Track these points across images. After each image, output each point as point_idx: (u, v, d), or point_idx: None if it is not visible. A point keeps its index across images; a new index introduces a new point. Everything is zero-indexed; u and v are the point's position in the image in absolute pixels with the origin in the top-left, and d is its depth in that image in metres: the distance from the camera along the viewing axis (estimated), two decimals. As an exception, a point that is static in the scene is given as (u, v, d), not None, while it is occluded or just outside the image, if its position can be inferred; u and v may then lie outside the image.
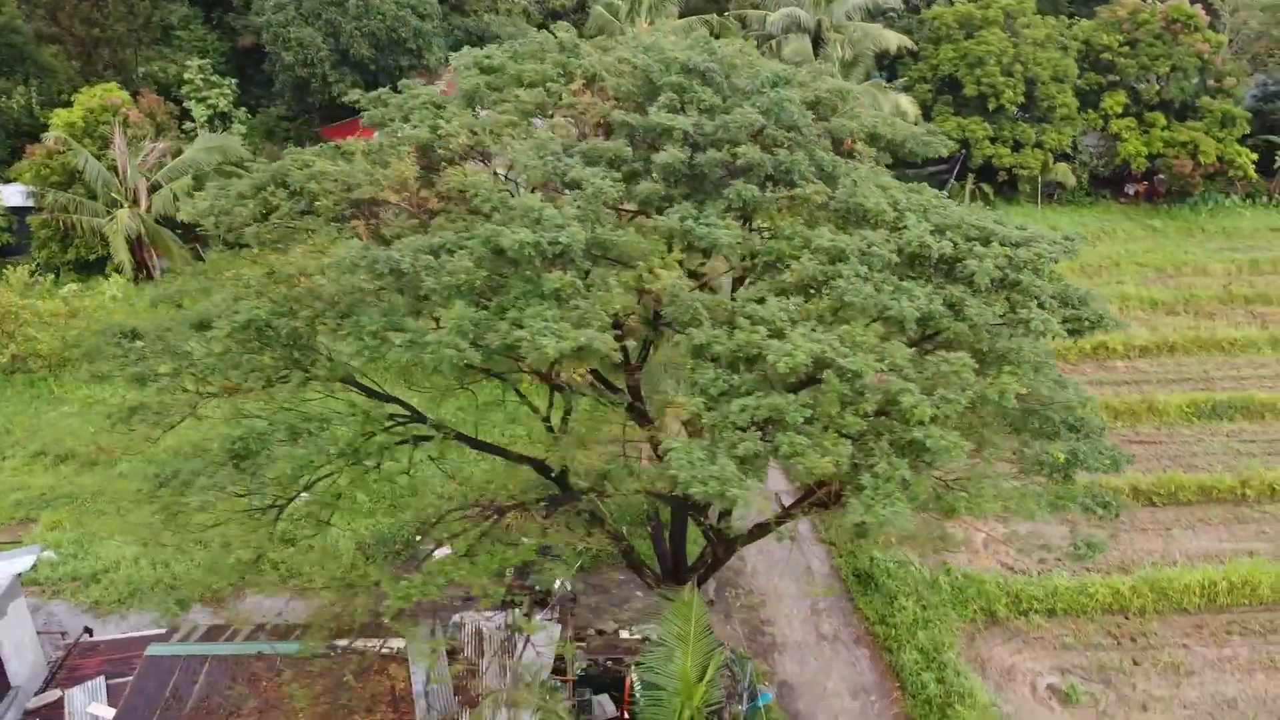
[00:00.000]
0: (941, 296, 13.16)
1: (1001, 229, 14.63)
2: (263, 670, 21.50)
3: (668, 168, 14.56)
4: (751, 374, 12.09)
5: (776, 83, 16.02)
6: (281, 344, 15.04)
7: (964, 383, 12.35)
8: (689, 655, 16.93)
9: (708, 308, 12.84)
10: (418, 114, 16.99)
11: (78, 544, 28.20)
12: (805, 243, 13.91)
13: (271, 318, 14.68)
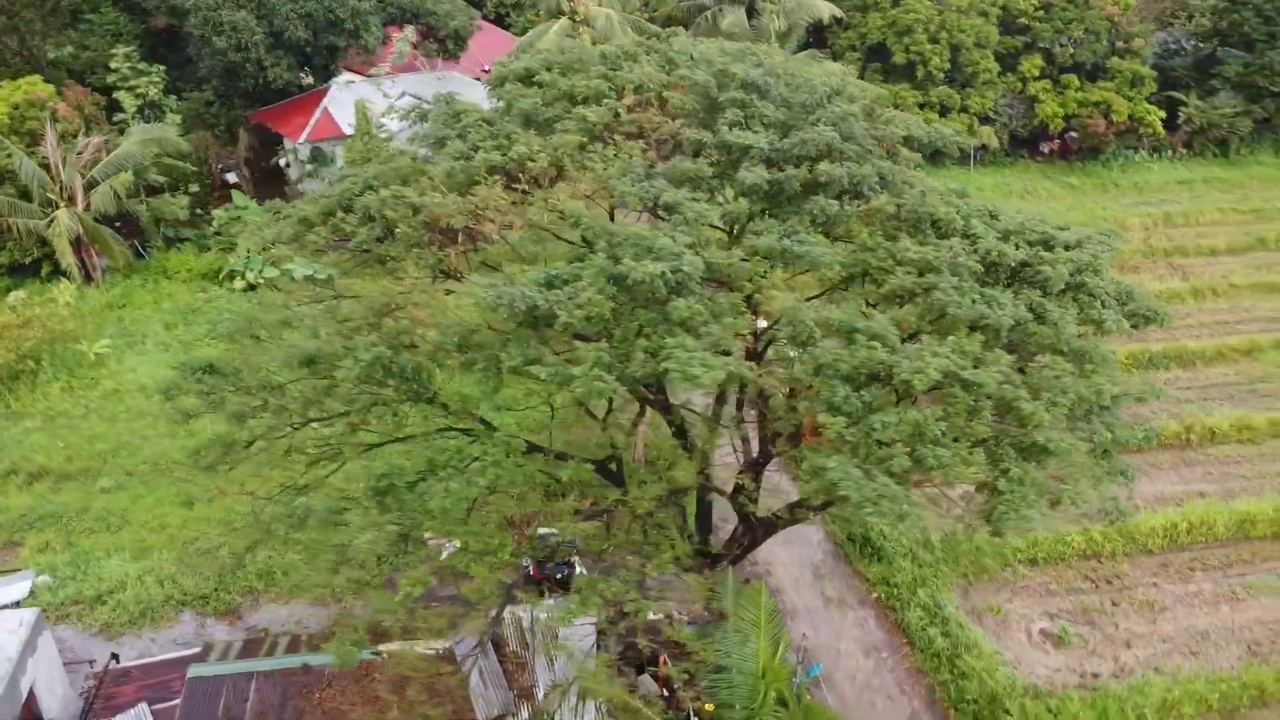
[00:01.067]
0: (1023, 302, 14.23)
1: (1057, 232, 15.77)
2: (313, 682, 21.57)
3: (754, 187, 15.11)
4: (878, 389, 12.92)
5: (832, 95, 16.70)
6: (404, 379, 15.08)
7: (1064, 386, 13.50)
8: (762, 638, 17.87)
9: (820, 325, 13.56)
10: (474, 133, 16.96)
11: (74, 565, 27.35)
12: (890, 254, 14.76)
13: (395, 355, 14.69)
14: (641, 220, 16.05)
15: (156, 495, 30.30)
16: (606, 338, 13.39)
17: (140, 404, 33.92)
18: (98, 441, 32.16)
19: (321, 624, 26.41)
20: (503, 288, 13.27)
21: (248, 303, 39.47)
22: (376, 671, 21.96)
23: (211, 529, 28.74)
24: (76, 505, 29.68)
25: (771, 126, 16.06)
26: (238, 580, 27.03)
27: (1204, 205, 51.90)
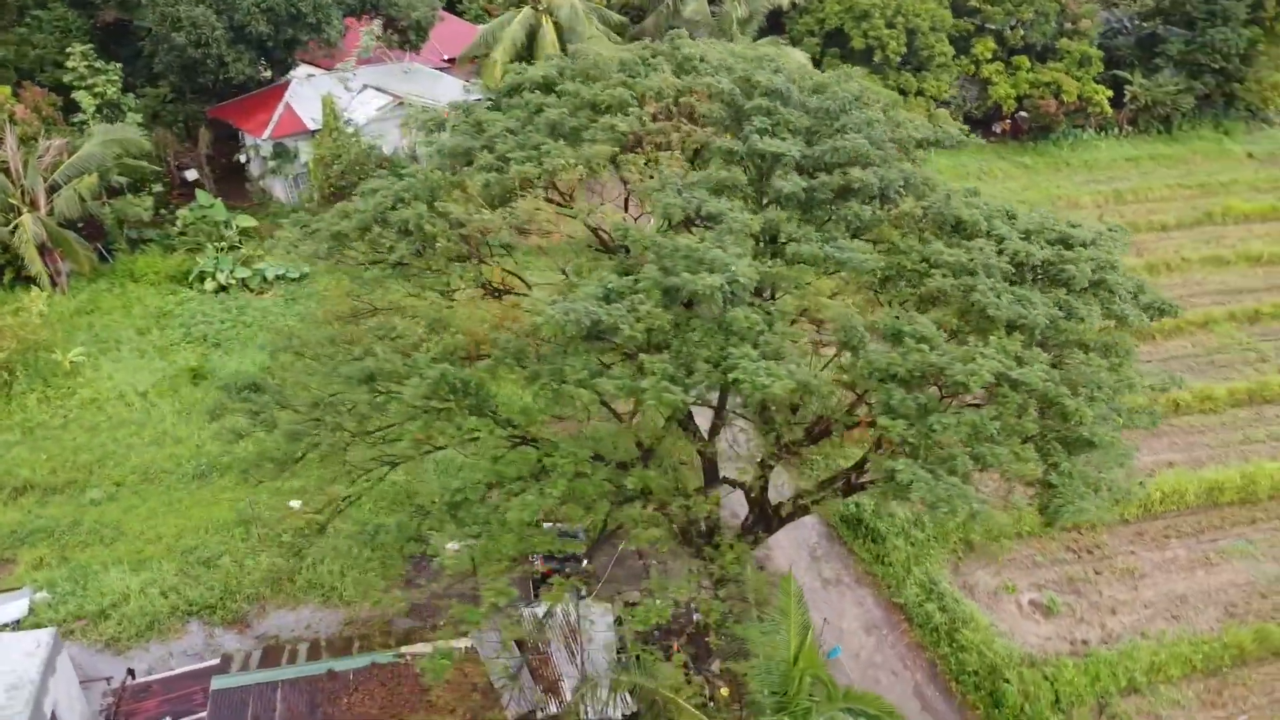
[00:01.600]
0: (1050, 299, 14.92)
1: (1071, 229, 16.49)
2: (339, 688, 21.71)
3: (791, 195, 15.51)
4: (927, 391, 13.49)
5: (853, 101, 17.18)
6: (465, 393, 15.21)
7: (1101, 380, 14.23)
8: (792, 626, 18.49)
9: (867, 329, 14.07)
10: (501, 144, 17.02)
11: (73, 580, 26.93)
12: (923, 257, 15.33)
13: (457, 371, 14.80)
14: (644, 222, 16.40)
15: (149, 505, 29.94)
16: (659, 349, 13.68)
17: (121, 412, 33.37)
18: (82, 452, 31.58)
19: (332, 628, 26.47)
20: (569, 304, 13.48)
21: (220, 305, 39.02)
22: (403, 674, 22.16)
23: (209, 538, 28.57)
24: (67, 519, 29.17)
25: (797, 133, 16.51)
26: (244, 588, 26.90)
27: (1152, 182, 53.75)
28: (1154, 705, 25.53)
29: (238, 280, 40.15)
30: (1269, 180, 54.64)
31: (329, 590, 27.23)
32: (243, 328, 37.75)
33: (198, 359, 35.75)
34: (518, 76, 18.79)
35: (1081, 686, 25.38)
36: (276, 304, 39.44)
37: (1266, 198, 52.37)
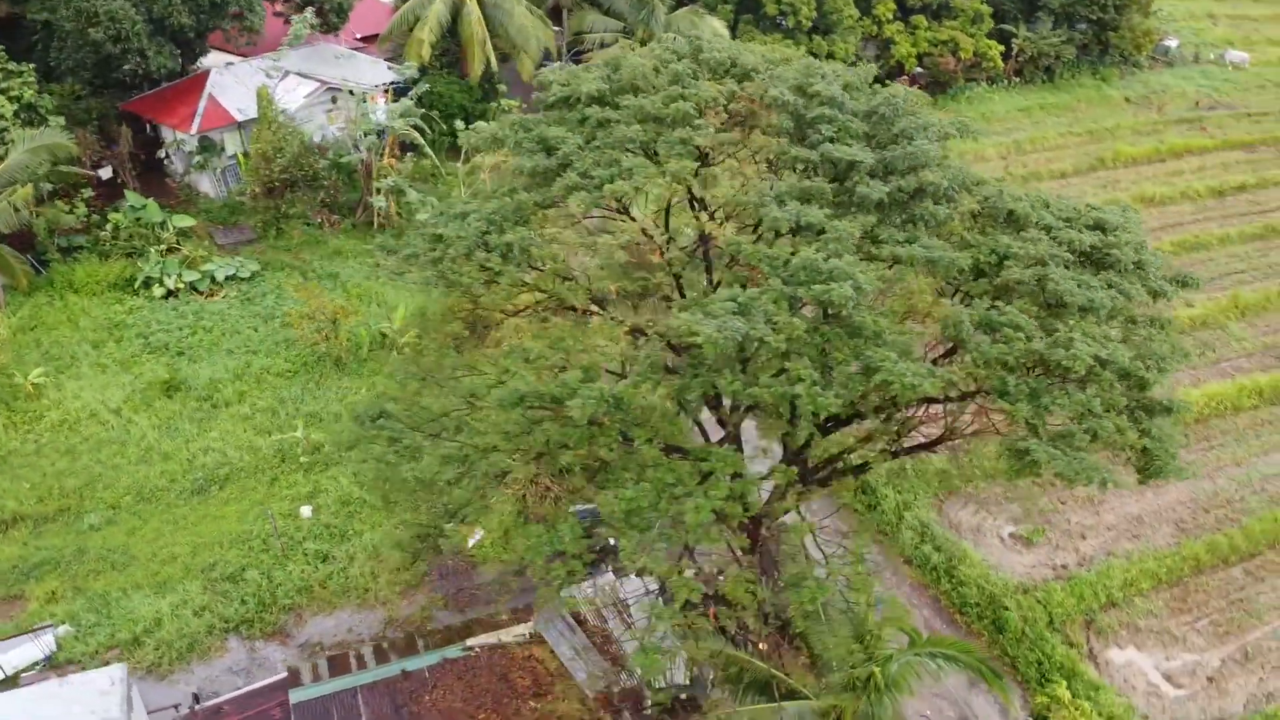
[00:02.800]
0: (1102, 281, 16.78)
1: (1101, 213, 18.41)
2: (417, 687, 22.40)
3: (876, 201, 16.75)
4: (1041, 375, 15.08)
5: (899, 107, 18.56)
6: (618, 409, 15.89)
7: (1164, 352, 16.22)
8: (866, 581, 20.28)
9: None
10: (579, 162, 17.47)
11: (94, 610, 26.45)
12: (992, 250, 16.95)
13: (611, 389, 15.48)
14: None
15: (152, 526, 29.41)
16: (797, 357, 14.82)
17: (98, 432, 32.39)
18: (67, 477, 30.62)
19: (372, 629, 26.88)
20: (722, 321, 14.45)
21: (173, 311, 37.88)
22: (475, 666, 22.99)
23: (227, 553, 28.38)
24: (70, 547, 28.42)
25: (857, 138, 17.82)
26: (278, 599, 26.97)
27: (1046, 131, 57.52)
28: (1131, 616, 28.68)
29: (186, 284, 38.98)
30: (1147, 124, 59.20)
31: (363, 592, 27.58)
32: (204, 334, 36.86)
33: (166, 370, 34.81)
34: (565, 89, 19.32)
35: (1070, 606, 28.26)
36: (233, 306, 38.54)
37: (1148, 140, 56.82)
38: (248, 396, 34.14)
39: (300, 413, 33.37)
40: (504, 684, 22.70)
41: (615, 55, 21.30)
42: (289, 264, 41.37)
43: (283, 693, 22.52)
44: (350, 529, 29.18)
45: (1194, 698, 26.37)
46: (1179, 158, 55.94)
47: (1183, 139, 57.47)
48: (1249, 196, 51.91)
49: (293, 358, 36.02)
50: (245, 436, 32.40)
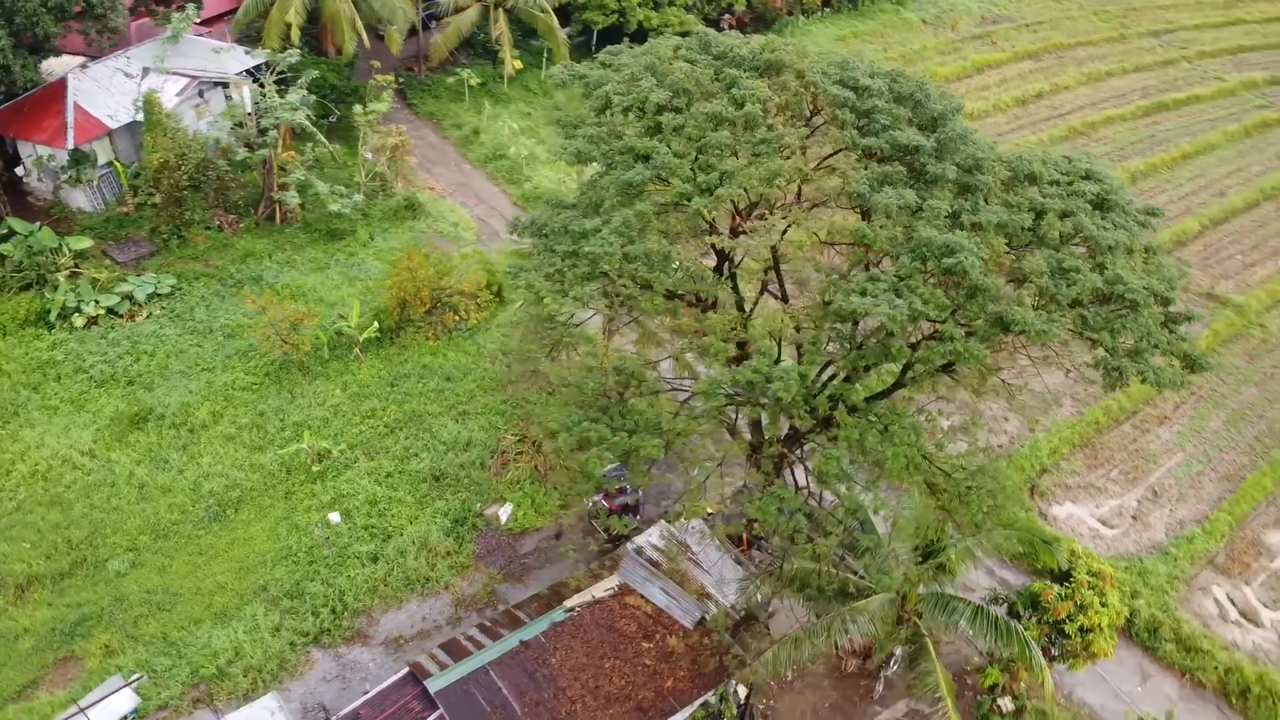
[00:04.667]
0: (1109, 222, 20.81)
1: (1087, 164, 22.43)
2: (539, 652, 24.49)
3: (950, 179, 19.78)
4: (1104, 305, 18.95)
5: (925, 88, 21.62)
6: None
7: (1173, 272, 20.57)
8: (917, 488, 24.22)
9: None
10: (681, 170, 19.37)
11: (164, 653, 26.40)
12: (1031, 206, 20.50)
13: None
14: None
15: (182, 560, 29.19)
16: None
17: (78, 478, 31.18)
18: (67, 530, 29.57)
19: (443, 613, 28.38)
20: (889, 298, 17.16)
21: (103, 339, 36.24)
22: (583, 624, 25.31)
23: (274, 571, 28.81)
24: (105, 598, 27.86)
25: (908, 124, 20.85)
26: (347, 604, 27.90)
27: (871, 58, 62.88)
28: (1060, 477, 34.67)
29: (105, 309, 37.18)
30: (947, 43, 65.96)
31: (424, 582, 28.92)
32: (147, 358, 35.58)
33: (126, 402, 33.65)
34: (625, 99, 20.98)
35: (1015, 478, 33.78)
36: (164, 325, 37.18)
37: (952, 59, 63.54)
38: (224, 415, 33.71)
39: (288, 424, 33.44)
40: (614, 633, 25.19)
41: (645, 58, 23.18)
42: (204, 273, 40.06)
43: (412, 686, 23.93)
44: (391, 526, 30.21)
45: (1126, 534, 32.63)
46: (981, 73, 63.06)
47: (980, 55, 64.66)
48: (1047, 103, 59.69)
49: (253, 369, 35.61)
50: (241, 455, 32.24)
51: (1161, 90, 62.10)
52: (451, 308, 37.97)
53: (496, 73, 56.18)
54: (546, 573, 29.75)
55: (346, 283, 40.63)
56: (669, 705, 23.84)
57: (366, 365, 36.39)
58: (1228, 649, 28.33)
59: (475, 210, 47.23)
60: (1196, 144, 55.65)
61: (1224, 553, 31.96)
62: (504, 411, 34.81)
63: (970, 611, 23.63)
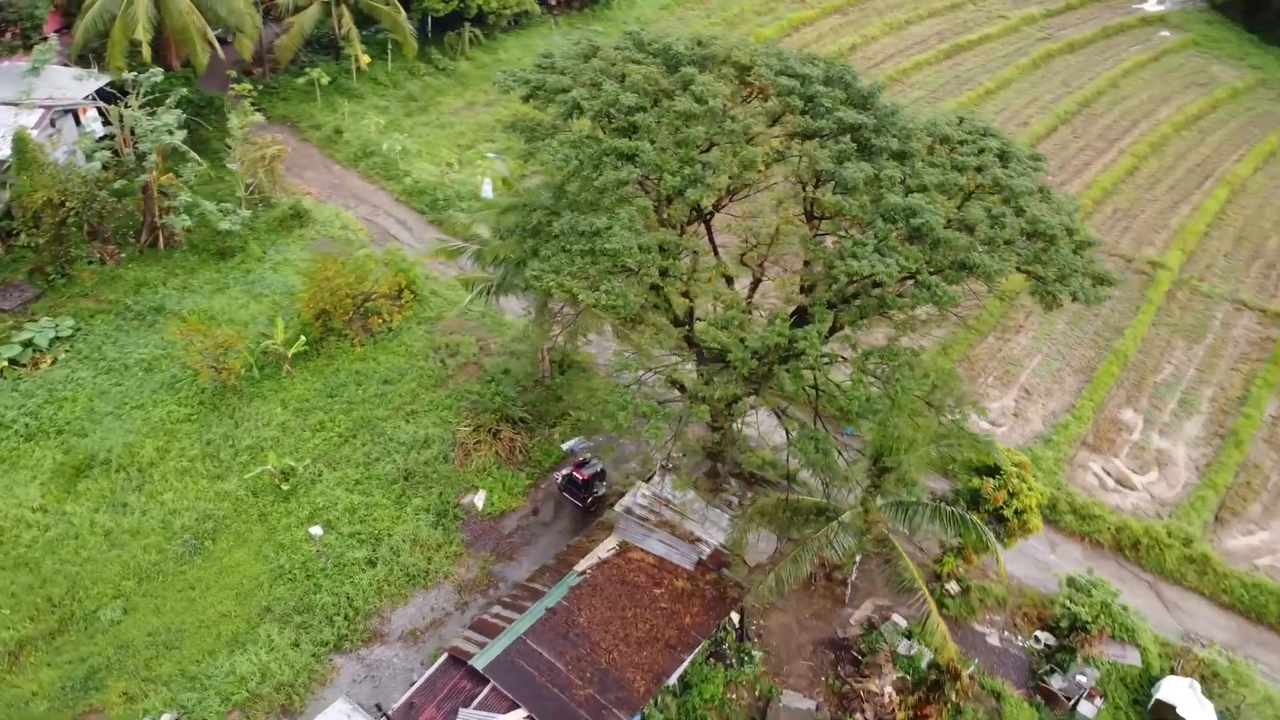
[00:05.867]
0: (1014, 170, 24.58)
1: (979, 120, 26.22)
2: (567, 616, 26.66)
3: (894, 150, 22.82)
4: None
5: (849, 71, 24.63)
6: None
7: (1072, 208, 24.56)
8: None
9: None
10: (669, 166, 21.56)
11: (189, 689, 26.71)
12: (954, 165, 23.88)
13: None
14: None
15: (174, 598, 29.23)
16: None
17: (37, 537, 30.37)
18: (43, 588, 28.94)
19: (450, 599, 29.92)
20: (882, 257, 20.03)
21: (14, 392, 34.89)
22: (596, 583, 27.64)
23: (274, 590, 29.45)
24: (107, 648, 27.69)
25: (847, 105, 23.81)
26: (358, 609, 28.99)
27: (694, 27, 66.28)
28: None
29: (7, 361, 35.64)
30: (762, 4, 70.06)
31: (424, 575, 30.30)
32: (69, 405, 34.57)
33: (63, 452, 32.76)
34: (595, 103, 22.88)
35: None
36: (75, 368, 36.03)
37: (769, 20, 67.83)
38: (170, 450, 33.40)
39: (241, 448, 33.57)
40: (627, 586, 27.66)
41: (596, 61, 25.17)
42: (100, 310, 38.80)
43: (456, 668, 25.53)
44: (378, 529, 31.30)
45: (1012, 430, 37.89)
46: (798, 30, 67.74)
47: (794, 13, 69.34)
48: (861, 54, 64.99)
49: (186, 400, 35.27)
50: (203, 486, 32.24)
51: (956, 33, 68.81)
52: (375, 312, 38.65)
53: (342, 69, 55.79)
54: (534, 548, 31.79)
55: (253, 300, 40.35)
56: (692, 637, 26.66)
57: (299, 380, 36.69)
58: (1114, 512, 33.95)
59: (358, 211, 47.41)
60: (996, 80, 62.41)
61: (1092, 434, 37.81)
62: (451, 405, 36.14)
63: (929, 511, 27.57)
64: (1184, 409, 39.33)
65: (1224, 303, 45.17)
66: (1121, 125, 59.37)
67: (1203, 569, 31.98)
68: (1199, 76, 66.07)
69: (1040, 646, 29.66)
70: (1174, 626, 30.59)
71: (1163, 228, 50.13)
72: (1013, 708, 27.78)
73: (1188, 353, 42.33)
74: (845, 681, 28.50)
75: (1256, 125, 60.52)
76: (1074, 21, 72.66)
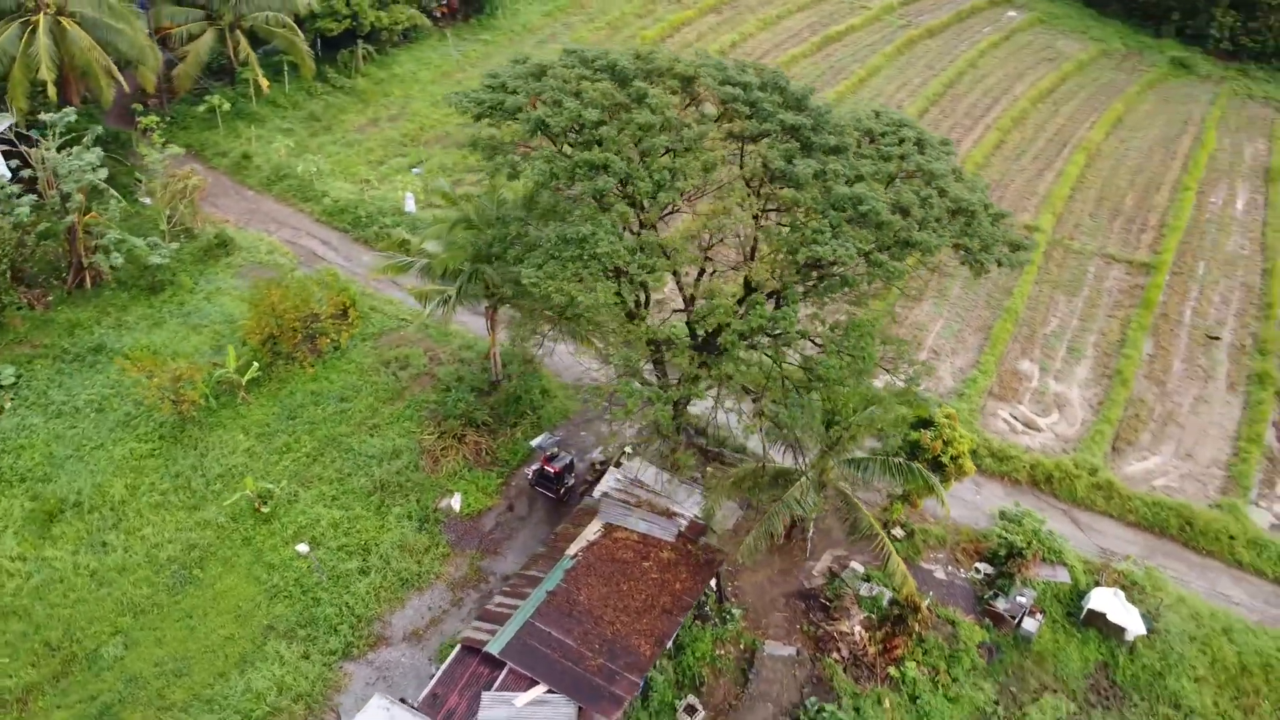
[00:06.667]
0: (932, 156, 27.66)
1: (894, 113, 29.25)
2: (569, 595, 28.63)
3: (831, 146, 25.50)
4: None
5: (780, 76, 27.19)
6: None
7: (983, 185, 27.79)
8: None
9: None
10: (639, 174, 23.66)
11: (210, 712, 27.48)
12: (881, 154, 26.78)
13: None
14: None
15: (174, 628, 29.78)
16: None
17: (20, 585, 30.38)
18: (39, 634, 29.09)
19: (445, 598, 31.45)
20: (846, 243, 22.62)
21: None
22: (590, 563, 29.71)
23: (274, 607, 30.39)
24: (116, 684, 28.09)
25: (784, 108, 26.36)
26: (360, 617, 30.23)
27: (580, 32, 68.39)
28: (869, 357, 43.07)
29: (-52, 419, 35.10)
30: (641, 7, 72.67)
31: (416, 578, 31.73)
32: (27, 452, 34.36)
33: (30, 499, 32.69)
34: (561, 119, 24.81)
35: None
36: (24, 415, 35.73)
37: (651, 22, 70.47)
38: (140, 487, 33.68)
39: (212, 477, 34.14)
40: (618, 563, 29.81)
41: (551, 80, 27.16)
42: (36, 355, 38.37)
43: (471, 656, 27.22)
44: (365, 540, 32.50)
45: (928, 388, 41.57)
46: (679, 31, 70.67)
47: (672, 14, 72.22)
48: (742, 50, 68.36)
49: (145, 435, 35.49)
50: (181, 518, 32.74)
51: (825, 25, 73.10)
52: (322, 332, 39.48)
53: (238, 94, 55.63)
54: (515, 541, 33.59)
55: (192, 332, 40.54)
56: (684, 601, 29.06)
57: (256, 406, 37.31)
58: (1027, 452, 38.05)
59: (280, 234, 47.78)
60: (867, 68, 66.80)
61: (997, 385, 41.97)
62: (411, 416, 37.45)
63: (878, 464, 30.71)
64: (1072, 355, 44.00)
65: (1094, 258, 50.37)
66: (984, 103, 64.59)
67: (1109, 494, 36.32)
68: (1047, 52, 72.23)
69: (981, 576, 33.32)
70: (1091, 546, 34.75)
71: (1033, 194, 55.20)
72: (966, 631, 31.23)
73: (1069, 305, 47.16)
74: (819, 626, 31.44)
75: (1103, 94, 66.83)
76: (929, 7, 78.02)
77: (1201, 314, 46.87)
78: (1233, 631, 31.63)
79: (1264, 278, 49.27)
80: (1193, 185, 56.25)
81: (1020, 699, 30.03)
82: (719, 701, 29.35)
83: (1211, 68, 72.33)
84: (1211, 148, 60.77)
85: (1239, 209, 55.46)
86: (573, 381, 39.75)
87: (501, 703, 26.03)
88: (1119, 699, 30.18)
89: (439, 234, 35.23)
